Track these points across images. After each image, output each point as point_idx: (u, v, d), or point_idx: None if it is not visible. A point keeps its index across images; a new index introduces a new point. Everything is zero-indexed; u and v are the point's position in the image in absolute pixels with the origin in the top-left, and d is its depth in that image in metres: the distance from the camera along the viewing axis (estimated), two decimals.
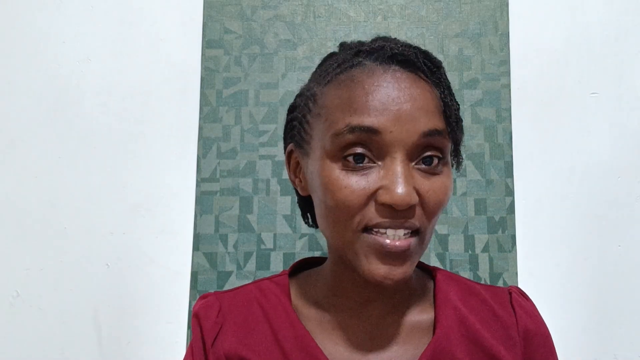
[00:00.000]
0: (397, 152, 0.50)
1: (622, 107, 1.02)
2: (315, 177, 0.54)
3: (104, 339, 0.97)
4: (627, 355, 0.95)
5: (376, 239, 0.50)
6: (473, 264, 0.98)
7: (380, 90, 0.51)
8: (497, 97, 1.02)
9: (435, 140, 0.51)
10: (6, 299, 0.99)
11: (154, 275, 0.99)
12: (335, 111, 0.52)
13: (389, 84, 0.51)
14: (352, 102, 0.51)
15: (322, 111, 0.54)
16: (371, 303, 0.58)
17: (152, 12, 1.06)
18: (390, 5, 1.05)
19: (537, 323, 0.61)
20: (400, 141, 0.50)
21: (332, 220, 0.52)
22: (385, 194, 0.49)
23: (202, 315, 0.61)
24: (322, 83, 0.56)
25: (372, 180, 0.50)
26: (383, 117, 0.50)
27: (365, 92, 0.51)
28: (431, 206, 0.51)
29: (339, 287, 0.59)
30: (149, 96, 1.04)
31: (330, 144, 0.52)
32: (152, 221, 1.00)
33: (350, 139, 0.50)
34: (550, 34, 1.05)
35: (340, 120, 0.51)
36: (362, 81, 0.52)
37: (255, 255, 0.99)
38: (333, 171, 0.51)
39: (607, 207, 1.00)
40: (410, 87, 0.51)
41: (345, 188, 0.50)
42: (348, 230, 0.52)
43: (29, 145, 1.03)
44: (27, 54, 1.06)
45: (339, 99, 0.53)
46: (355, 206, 0.50)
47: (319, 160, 0.53)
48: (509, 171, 1.01)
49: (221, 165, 1.02)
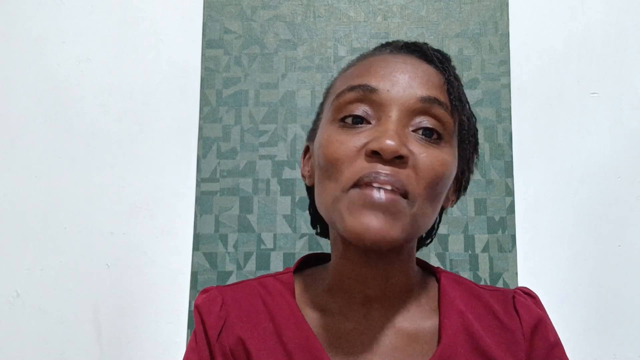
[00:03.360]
0: (393, 110, 0.51)
1: (622, 107, 1.02)
2: (316, 147, 0.55)
3: (104, 339, 0.97)
4: (627, 355, 0.95)
5: (362, 192, 0.49)
6: (473, 264, 0.98)
7: (384, 62, 0.54)
8: (497, 97, 1.02)
9: (435, 110, 0.51)
10: (6, 299, 0.99)
11: (154, 275, 0.99)
12: (341, 80, 0.56)
13: (396, 63, 0.54)
14: (357, 71, 0.54)
15: (331, 90, 0.57)
16: (373, 304, 0.57)
17: (152, 12, 1.06)
18: (390, 5, 1.05)
19: (536, 315, 0.60)
20: (396, 100, 0.51)
21: (322, 179, 0.52)
22: (374, 142, 0.49)
23: (204, 308, 0.60)
24: (339, 74, 0.59)
25: (363, 136, 0.50)
26: (383, 79, 0.52)
27: (369, 64, 0.54)
28: (424, 171, 0.50)
29: (341, 285, 0.58)
30: (149, 96, 1.04)
31: (331, 107, 0.54)
32: (152, 221, 1.00)
33: (349, 97, 0.52)
34: (550, 34, 1.05)
35: (343, 84, 0.54)
36: (369, 60, 0.55)
37: (255, 255, 0.99)
38: (329, 130, 0.53)
39: (607, 207, 1.00)
40: (415, 65, 0.54)
41: (337, 142, 0.51)
42: (337, 188, 0.50)
43: (29, 145, 1.03)
44: (27, 54, 1.06)
45: (346, 76, 0.56)
46: (344, 159, 0.50)
47: (323, 128, 0.54)
48: (509, 171, 1.01)
49: (221, 165, 1.01)
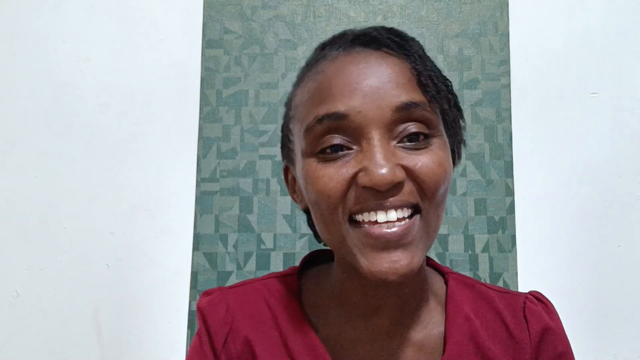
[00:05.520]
0: (372, 131, 0.46)
1: (622, 107, 1.02)
2: (301, 179, 0.51)
3: (104, 339, 0.97)
4: (627, 355, 0.95)
5: (366, 230, 0.46)
6: (473, 264, 0.98)
7: (344, 73, 0.48)
8: (497, 97, 1.02)
9: (415, 113, 0.47)
10: (6, 299, 0.99)
11: (154, 275, 0.99)
12: (305, 107, 0.50)
13: (352, 65, 0.48)
14: (318, 92, 0.49)
15: (296, 112, 0.52)
16: (379, 313, 0.54)
17: (152, 12, 1.06)
18: (390, 5, 1.05)
19: (545, 324, 0.57)
20: (371, 120, 0.46)
21: (320, 216, 0.49)
22: (364, 176, 0.45)
23: (208, 312, 0.58)
24: (295, 86, 0.55)
25: (350, 166, 0.46)
26: (349, 98, 0.46)
27: (328, 79, 0.48)
28: (426, 180, 0.46)
29: (346, 296, 0.55)
30: (149, 96, 1.04)
31: (304, 141, 0.49)
32: (152, 221, 1.00)
33: (321, 130, 0.47)
34: (550, 34, 1.05)
35: (309, 114, 0.49)
36: (325, 70, 0.50)
37: (255, 255, 0.99)
38: (311, 165, 0.48)
39: (607, 207, 1.00)
40: (376, 63, 0.48)
41: (323, 177, 0.47)
42: (335, 223, 0.48)
43: (29, 145, 1.03)
44: (27, 54, 1.06)
45: (307, 94, 0.50)
46: (336, 194, 0.46)
47: (300, 161, 0.50)
48: (509, 171, 1.00)
49: (221, 165, 1.01)
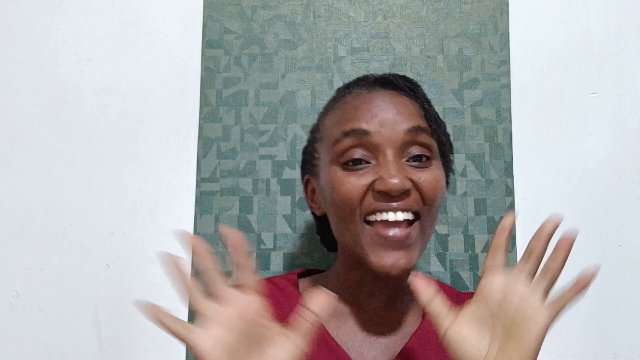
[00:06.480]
0: (387, 148, 0.60)
1: (622, 107, 1.02)
2: (325, 185, 0.64)
3: (104, 339, 0.97)
4: (627, 355, 0.95)
5: (378, 232, 0.59)
6: (473, 264, 0.98)
7: (367, 104, 0.63)
8: (497, 97, 1.02)
9: (420, 137, 0.62)
10: (6, 299, 0.99)
11: (154, 275, 0.99)
12: (333, 127, 0.65)
13: (374, 99, 0.63)
14: (345, 116, 0.64)
15: (324, 134, 0.67)
16: (374, 296, 0.67)
17: (152, 12, 1.06)
18: (390, 5, 1.05)
19: None
20: (388, 139, 0.60)
21: (340, 215, 0.62)
22: (380, 183, 0.59)
23: None
24: (323, 115, 0.70)
25: (369, 176, 0.60)
26: (371, 121, 0.61)
27: (354, 107, 0.64)
28: (427, 191, 0.60)
29: (348, 284, 0.68)
30: (149, 96, 1.04)
31: (332, 152, 0.63)
32: (152, 221, 1.00)
33: (347, 142, 0.61)
34: (550, 34, 1.04)
35: (336, 131, 0.63)
36: (351, 101, 0.65)
37: (255, 255, 0.99)
38: (336, 172, 0.62)
39: (607, 207, 1.00)
40: (392, 100, 0.63)
41: (347, 183, 0.60)
42: (353, 222, 0.61)
43: (29, 145, 1.03)
44: (27, 54, 1.05)
45: (335, 119, 0.65)
46: (357, 198, 0.60)
47: (326, 170, 0.64)
48: (509, 171, 1.01)
49: (221, 165, 1.01)
